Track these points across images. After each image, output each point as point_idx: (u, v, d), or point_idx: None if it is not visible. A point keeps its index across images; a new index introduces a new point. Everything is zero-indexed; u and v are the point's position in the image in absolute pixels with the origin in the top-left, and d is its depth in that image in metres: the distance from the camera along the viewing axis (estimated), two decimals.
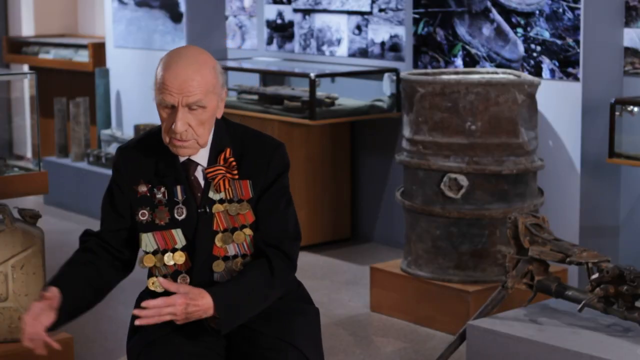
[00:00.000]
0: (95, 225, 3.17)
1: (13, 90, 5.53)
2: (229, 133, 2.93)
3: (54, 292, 2.78)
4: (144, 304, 2.74)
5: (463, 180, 4.87)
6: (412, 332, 4.94)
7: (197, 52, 2.85)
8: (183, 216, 2.88)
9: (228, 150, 2.89)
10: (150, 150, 2.92)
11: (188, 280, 2.88)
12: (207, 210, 2.87)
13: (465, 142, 4.85)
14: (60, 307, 2.79)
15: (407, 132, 5.06)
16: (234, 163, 2.88)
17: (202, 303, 2.75)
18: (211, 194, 2.88)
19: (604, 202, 5.34)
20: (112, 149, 7.54)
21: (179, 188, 2.89)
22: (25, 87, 5.18)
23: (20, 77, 5.72)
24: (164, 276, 2.89)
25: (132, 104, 7.77)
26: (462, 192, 4.87)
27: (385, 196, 6.44)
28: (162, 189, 2.89)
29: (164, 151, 2.89)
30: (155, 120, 7.49)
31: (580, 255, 3.43)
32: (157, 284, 2.88)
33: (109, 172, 7.17)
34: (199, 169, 2.90)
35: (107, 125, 7.86)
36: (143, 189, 2.90)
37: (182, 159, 2.89)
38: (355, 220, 6.66)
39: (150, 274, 2.93)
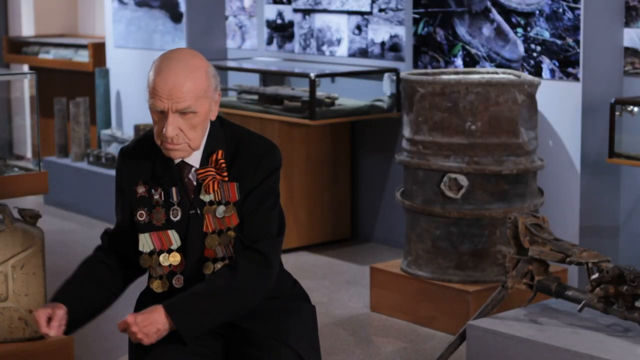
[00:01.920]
0: (95, 224, 3.18)
1: (13, 90, 5.53)
2: (224, 134, 2.91)
3: (58, 313, 2.84)
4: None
5: (463, 180, 4.87)
6: (412, 332, 4.94)
7: (188, 55, 2.82)
8: (178, 217, 2.88)
9: (220, 152, 2.88)
10: (148, 151, 2.92)
11: (182, 280, 2.88)
12: (198, 211, 2.87)
13: (465, 142, 4.85)
14: (68, 319, 2.86)
15: (407, 132, 5.06)
16: (223, 165, 2.87)
17: (152, 316, 2.75)
18: (202, 196, 2.87)
19: (604, 202, 5.34)
20: (112, 149, 7.53)
21: (174, 189, 2.89)
22: (25, 87, 5.19)
23: (20, 77, 5.73)
24: (160, 277, 2.90)
25: (132, 104, 7.76)
26: (462, 192, 4.87)
27: (385, 196, 6.44)
28: (159, 190, 2.89)
29: (160, 152, 2.88)
30: None
31: (580, 255, 3.43)
32: (159, 285, 2.90)
33: (109, 172, 7.19)
34: (192, 170, 2.90)
35: (107, 125, 7.85)
36: (141, 189, 2.91)
37: (176, 161, 2.89)
38: (355, 220, 6.65)
39: (150, 274, 2.93)
